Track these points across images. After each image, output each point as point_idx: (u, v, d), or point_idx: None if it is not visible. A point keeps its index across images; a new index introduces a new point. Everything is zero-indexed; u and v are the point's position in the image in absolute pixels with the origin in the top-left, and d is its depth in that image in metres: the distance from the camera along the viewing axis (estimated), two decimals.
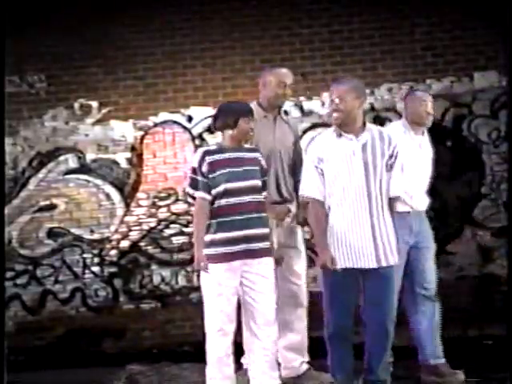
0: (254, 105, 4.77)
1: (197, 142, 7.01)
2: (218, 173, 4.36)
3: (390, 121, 5.67)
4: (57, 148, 7.10)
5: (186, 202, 6.97)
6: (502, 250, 6.64)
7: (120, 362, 6.29)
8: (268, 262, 4.44)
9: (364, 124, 4.41)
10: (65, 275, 7.05)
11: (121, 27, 7.01)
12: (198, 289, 6.87)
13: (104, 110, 7.07)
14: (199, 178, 4.39)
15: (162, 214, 7.04)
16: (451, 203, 6.76)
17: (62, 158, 7.09)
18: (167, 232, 7.03)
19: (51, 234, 7.07)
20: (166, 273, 7.02)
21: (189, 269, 6.98)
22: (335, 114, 4.36)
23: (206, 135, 7.00)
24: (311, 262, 6.95)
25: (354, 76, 6.64)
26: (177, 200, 7.02)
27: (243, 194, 4.35)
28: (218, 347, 4.41)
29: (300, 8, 6.96)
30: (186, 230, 6.99)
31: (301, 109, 6.95)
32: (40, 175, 7.08)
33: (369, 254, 4.32)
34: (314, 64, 6.92)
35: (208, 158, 4.39)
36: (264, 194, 4.51)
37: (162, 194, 7.03)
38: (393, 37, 6.91)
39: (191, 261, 6.88)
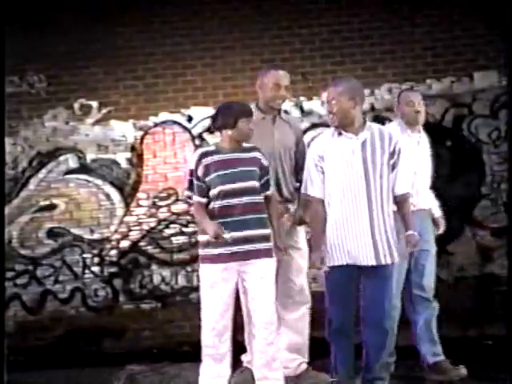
0: (252, 106, 4.78)
1: (197, 141, 7.01)
2: (213, 175, 4.37)
3: (390, 121, 5.66)
4: (57, 148, 7.10)
5: (186, 202, 6.94)
6: (502, 250, 6.64)
7: (120, 361, 6.29)
8: (267, 263, 4.43)
9: (364, 122, 4.43)
10: (65, 275, 7.05)
11: (121, 27, 7.00)
12: (197, 289, 6.90)
13: (104, 110, 7.07)
14: (195, 181, 4.41)
15: (162, 213, 7.04)
16: (451, 203, 6.75)
17: (61, 158, 7.09)
18: (167, 232, 7.03)
19: (51, 233, 7.07)
20: (166, 273, 7.02)
21: (189, 269, 6.99)
22: (331, 116, 4.41)
23: (205, 135, 7.01)
24: None
25: (353, 76, 6.67)
26: (177, 200, 7.01)
27: (240, 196, 4.35)
28: (210, 345, 4.43)
29: (300, 8, 6.96)
30: (185, 230, 6.99)
31: (301, 109, 6.95)
32: (40, 175, 7.08)
33: (367, 252, 4.33)
34: (314, 64, 6.92)
35: (204, 161, 4.41)
36: (268, 192, 4.50)
37: (162, 194, 7.03)
38: (393, 37, 6.91)
39: (191, 261, 6.98)
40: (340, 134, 4.40)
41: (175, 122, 7.02)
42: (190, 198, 4.55)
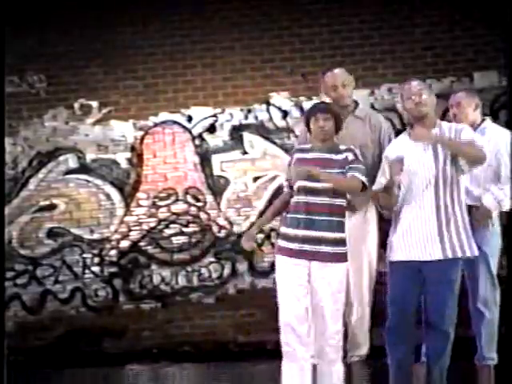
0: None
1: (197, 142, 7.01)
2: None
3: (390, 121, 5.67)
4: (57, 148, 7.11)
5: (186, 202, 6.98)
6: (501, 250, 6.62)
7: (120, 362, 6.30)
8: (334, 268, 4.44)
9: (436, 122, 4.49)
10: (65, 275, 7.06)
11: (121, 27, 7.01)
12: (197, 289, 6.96)
13: (104, 110, 7.07)
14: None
15: (162, 213, 7.04)
16: None
17: (61, 158, 7.10)
18: (167, 232, 7.03)
19: (51, 233, 7.08)
20: (166, 273, 7.02)
21: (189, 269, 6.99)
22: (416, 108, 4.42)
23: (206, 135, 7.01)
24: None
25: (353, 76, 6.67)
26: (177, 200, 7.02)
27: (314, 195, 4.38)
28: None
29: (300, 8, 6.96)
30: (185, 230, 7.00)
31: (301, 109, 6.95)
32: (40, 175, 7.08)
33: (433, 246, 4.33)
34: (314, 64, 6.91)
35: (296, 155, 4.52)
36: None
37: (162, 194, 7.03)
38: (393, 37, 6.91)
39: (191, 261, 6.98)
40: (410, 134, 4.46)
41: (175, 122, 7.03)
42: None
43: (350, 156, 4.47)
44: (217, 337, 6.89)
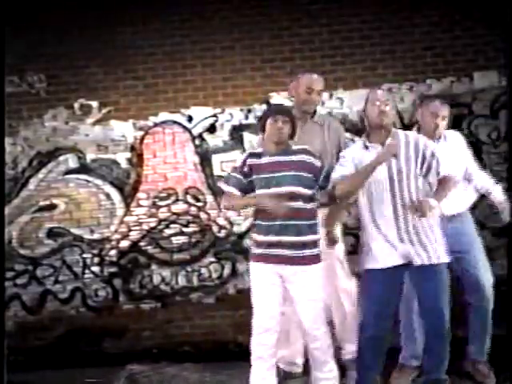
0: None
1: (197, 141, 7.01)
2: (255, 177, 4.39)
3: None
4: (57, 148, 7.10)
5: (186, 202, 6.98)
6: (501, 250, 6.63)
7: (120, 362, 6.30)
8: (310, 270, 4.43)
9: (389, 131, 4.48)
10: (65, 275, 7.05)
11: (121, 27, 7.00)
12: (197, 289, 6.96)
13: (104, 110, 7.07)
14: (236, 175, 4.42)
15: (162, 213, 7.04)
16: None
17: (61, 158, 7.09)
18: (167, 232, 7.03)
19: (51, 233, 7.07)
20: (166, 273, 7.02)
21: (189, 269, 6.99)
22: (382, 118, 4.45)
23: (206, 135, 7.01)
24: None
25: (353, 76, 6.68)
26: (177, 200, 7.02)
27: (289, 201, 4.35)
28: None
29: (300, 8, 6.96)
30: (185, 230, 7.00)
31: None
32: (40, 175, 7.08)
33: (402, 255, 4.34)
34: (314, 64, 6.91)
35: (250, 161, 4.43)
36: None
37: (162, 194, 7.03)
38: (393, 37, 6.91)
39: (191, 261, 6.98)
40: (367, 147, 4.43)
41: (175, 122, 7.02)
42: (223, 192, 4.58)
43: (312, 160, 4.46)
44: (217, 337, 6.89)
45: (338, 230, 4.96)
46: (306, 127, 4.95)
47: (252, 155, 4.48)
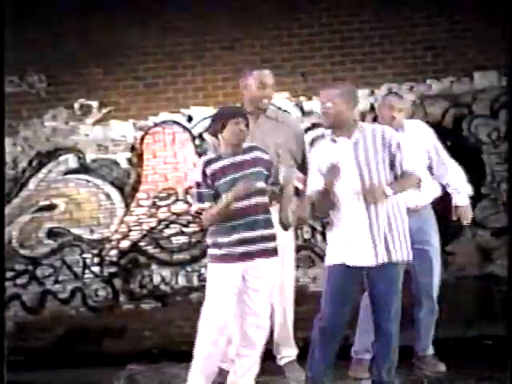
0: None
1: (197, 141, 7.01)
2: (221, 181, 4.39)
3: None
4: (57, 148, 7.11)
5: (186, 202, 6.97)
6: (502, 250, 6.64)
7: (120, 362, 6.30)
8: (271, 263, 4.46)
9: (356, 124, 4.47)
10: (65, 275, 7.06)
11: (121, 27, 7.00)
12: (198, 289, 6.95)
13: (104, 110, 7.07)
14: (204, 190, 4.41)
15: (162, 213, 7.04)
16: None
17: (62, 158, 7.09)
18: (167, 232, 7.03)
19: (51, 233, 7.07)
20: (166, 273, 7.02)
21: (189, 269, 6.99)
22: (324, 117, 4.44)
23: (205, 135, 7.00)
24: (311, 262, 6.97)
25: (353, 76, 6.68)
26: (177, 200, 7.02)
27: (245, 198, 4.37)
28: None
29: (300, 8, 6.96)
30: (185, 230, 7.00)
31: (301, 109, 6.95)
32: (40, 175, 7.08)
33: (367, 252, 4.34)
34: (314, 64, 6.92)
35: (209, 168, 4.42)
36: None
37: (162, 194, 7.03)
38: (393, 37, 6.91)
39: (191, 261, 6.98)
40: (334, 140, 4.45)
41: (175, 122, 7.02)
42: (202, 210, 4.52)
43: (263, 155, 4.48)
44: None
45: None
46: (259, 122, 4.96)
47: (208, 162, 4.45)
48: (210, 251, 4.47)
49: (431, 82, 6.89)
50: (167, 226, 7.03)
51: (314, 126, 6.87)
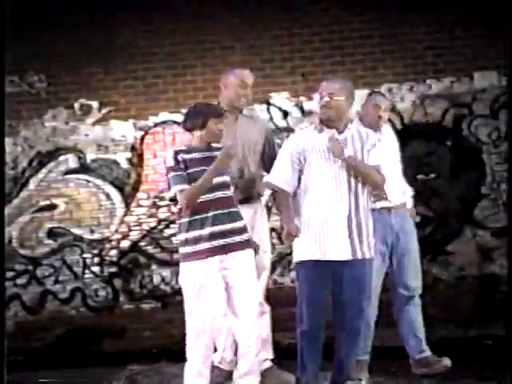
0: None
1: None
2: (191, 170, 4.39)
3: (391, 121, 5.67)
4: (57, 148, 7.11)
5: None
6: (502, 250, 6.64)
7: (120, 362, 6.28)
8: (246, 255, 4.44)
9: (349, 123, 4.48)
10: (65, 275, 7.06)
11: (121, 27, 7.01)
12: None
13: (104, 110, 7.07)
14: (180, 173, 4.39)
15: (162, 213, 7.04)
16: (451, 203, 6.76)
17: (62, 158, 7.10)
18: (167, 232, 7.03)
19: (51, 233, 7.08)
20: (166, 273, 7.02)
21: None
22: (324, 110, 4.41)
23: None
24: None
25: (353, 76, 6.67)
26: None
27: (213, 191, 4.37)
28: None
29: (300, 8, 6.96)
30: None
31: (301, 109, 6.95)
32: (40, 175, 7.08)
33: (343, 247, 4.32)
34: (314, 64, 6.92)
35: (180, 157, 4.42)
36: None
37: (162, 194, 7.02)
38: (393, 37, 6.92)
39: None
40: (321, 130, 4.43)
41: (175, 122, 7.02)
42: (173, 199, 4.51)
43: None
44: None
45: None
46: (239, 121, 4.98)
47: (180, 152, 4.46)
48: (182, 250, 4.41)
49: (431, 82, 6.90)
50: (167, 226, 7.03)
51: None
